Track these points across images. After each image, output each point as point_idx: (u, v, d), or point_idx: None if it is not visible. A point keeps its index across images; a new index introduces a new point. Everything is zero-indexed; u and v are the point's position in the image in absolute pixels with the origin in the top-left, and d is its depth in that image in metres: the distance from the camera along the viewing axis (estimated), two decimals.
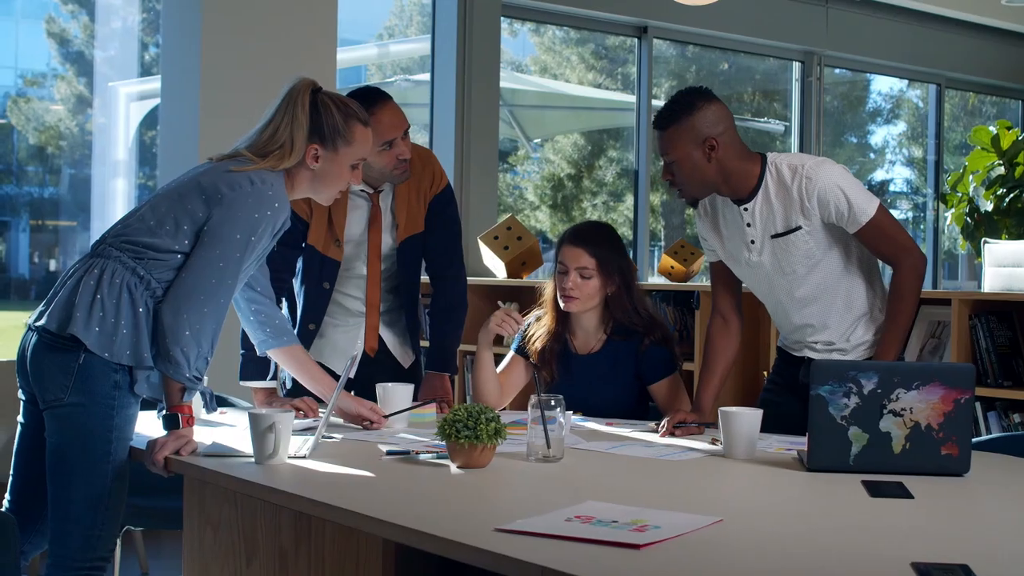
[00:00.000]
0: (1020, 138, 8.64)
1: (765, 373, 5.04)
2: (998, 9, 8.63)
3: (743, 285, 3.57)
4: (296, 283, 3.74)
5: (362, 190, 3.68)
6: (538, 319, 3.78)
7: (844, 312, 3.37)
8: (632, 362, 3.64)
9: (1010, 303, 4.54)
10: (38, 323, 2.89)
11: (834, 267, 3.34)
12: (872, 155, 11.03)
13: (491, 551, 1.97)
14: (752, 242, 3.37)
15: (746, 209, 3.35)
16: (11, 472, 3.07)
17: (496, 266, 6.36)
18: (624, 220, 8.90)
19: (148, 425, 3.13)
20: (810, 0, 8.54)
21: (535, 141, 9.42)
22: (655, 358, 3.63)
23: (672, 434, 3.26)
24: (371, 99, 3.43)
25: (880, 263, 3.43)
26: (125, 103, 7.37)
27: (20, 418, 3.04)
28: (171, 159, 5.64)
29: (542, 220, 9.16)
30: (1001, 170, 8.62)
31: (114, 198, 7.13)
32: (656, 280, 6.88)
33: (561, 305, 3.65)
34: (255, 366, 3.57)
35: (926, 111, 10.41)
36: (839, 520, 2.29)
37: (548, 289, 3.75)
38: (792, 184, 3.27)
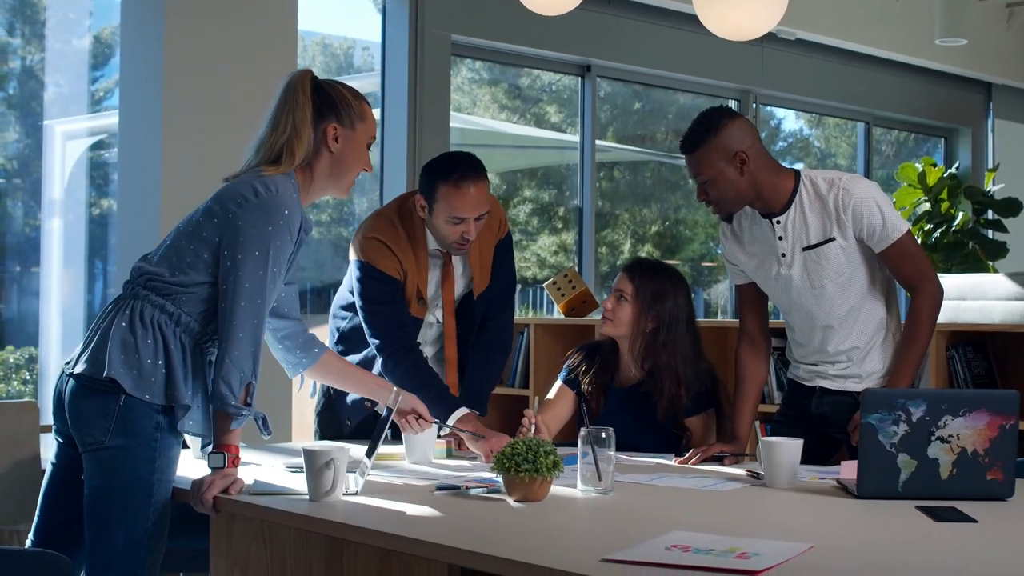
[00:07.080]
0: (945, 175, 8.91)
1: None
2: (929, 49, 8.88)
3: (769, 303, 3.62)
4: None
5: (437, 250, 3.65)
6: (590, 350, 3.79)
7: (862, 334, 3.43)
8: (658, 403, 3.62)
9: (984, 334, 4.66)
10: (74, 370, 2.84)
11: (861, 286, 3.40)
12: None
13: None
14: (783, 255, 3.42)
15: (778, 222, 3.40)
16: (37, 514, 2.99)
17: None
18: (536, 259, 8.93)
19: (189, 465, 3.07)
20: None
21: None
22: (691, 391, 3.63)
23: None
24: (469, 169, 3.46)
25: (897, 291, 3.51)
26: (61, 141, 7.25)
27: (52, 459, 2.97)
28: (131, 188, 5.60)
29: None
30: (927, 206, 8.88)
31: (50, 238, 7.00)
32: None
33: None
34: None
35: (827, 150, 10.62)
36: (924, 545, 2.32)
37: None
38: (828, 195, 3.34)
